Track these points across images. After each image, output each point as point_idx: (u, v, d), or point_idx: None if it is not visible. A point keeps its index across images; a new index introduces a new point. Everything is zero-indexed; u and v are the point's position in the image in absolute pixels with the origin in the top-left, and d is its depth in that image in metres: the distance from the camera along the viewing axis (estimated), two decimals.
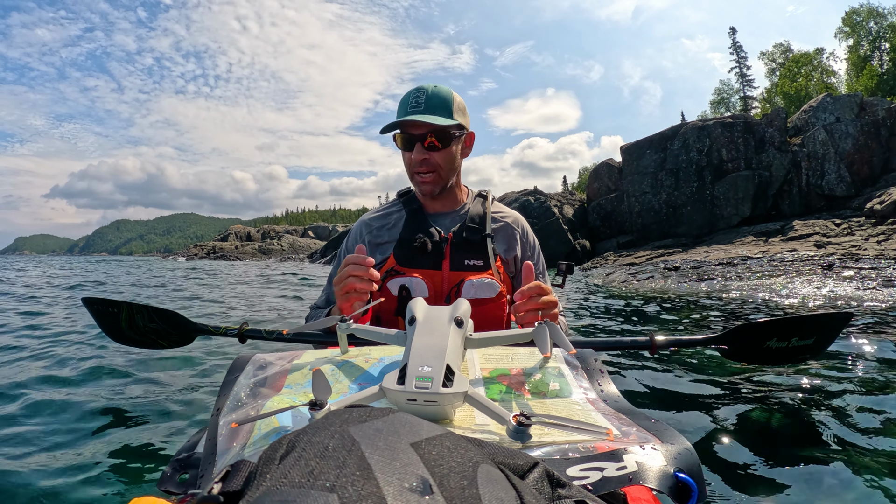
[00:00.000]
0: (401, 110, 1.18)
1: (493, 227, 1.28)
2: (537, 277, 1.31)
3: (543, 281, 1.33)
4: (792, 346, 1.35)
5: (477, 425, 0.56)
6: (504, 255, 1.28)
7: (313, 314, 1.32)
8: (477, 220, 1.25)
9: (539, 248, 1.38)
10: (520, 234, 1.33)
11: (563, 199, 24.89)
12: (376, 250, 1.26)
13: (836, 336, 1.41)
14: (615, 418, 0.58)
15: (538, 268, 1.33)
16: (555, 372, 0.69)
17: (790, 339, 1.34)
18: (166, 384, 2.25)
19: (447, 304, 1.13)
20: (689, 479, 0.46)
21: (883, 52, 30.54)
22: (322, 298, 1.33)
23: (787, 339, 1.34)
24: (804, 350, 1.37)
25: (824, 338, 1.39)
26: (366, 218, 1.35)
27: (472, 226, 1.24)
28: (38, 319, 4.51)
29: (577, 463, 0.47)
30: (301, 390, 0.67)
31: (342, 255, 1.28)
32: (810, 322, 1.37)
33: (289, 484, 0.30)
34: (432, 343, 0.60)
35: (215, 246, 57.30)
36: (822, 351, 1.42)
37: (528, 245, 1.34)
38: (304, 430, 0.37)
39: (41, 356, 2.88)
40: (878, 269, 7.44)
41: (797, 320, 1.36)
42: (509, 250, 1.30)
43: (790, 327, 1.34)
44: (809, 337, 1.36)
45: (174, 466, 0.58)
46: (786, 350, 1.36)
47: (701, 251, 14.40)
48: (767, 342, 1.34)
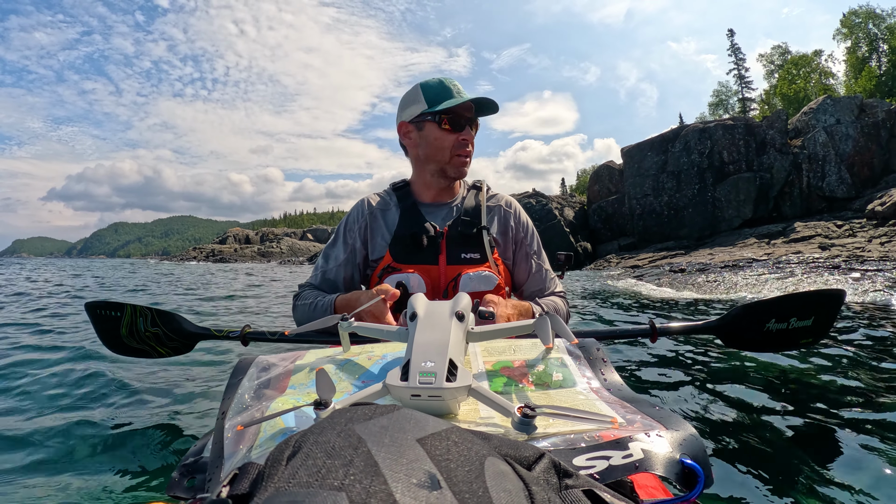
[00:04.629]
0: (449, 94, 1.21)
1: (488, 216, 1.28)
2: (531, 258, 1.32)
3: (539, 261, 1.33)
4: (792, 328, 1.34)
5: (482, 418, 0.56)
6: (500, 239, 1.28)
7: (304, 294, 1.28)
8: (472, 213, 1.26)
9: (533, 228, 1.38)
10: (513, 215, 1.33)
11: (564, 202, 24.93)
12: (370, 238, 1.27)
13: (834, 317, 1.39)
14: (619, 407, 0.58)
15: (532, 248, 1.33)
16: (557, 362, 0.69)
17: (789, 319, 1.33)
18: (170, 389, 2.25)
19: (445, 298, 1.14)
20: (695, 464, 0.46)
21: (881, 53, 30.65)
22: (317, 277, 1.30)
23: (786, 321, 1.33)
24: (805, 333, 1.36)
25: (822, 318, 1.37)
26: (370, 199, 1.33)
27: (467, 219, 1.24)
28: (41, 324, 4.51)
29: (583, 452, 0.47)
30: (305, 390, 0.67)
31: (342, 232, 1.30)
32: (805, 300, 1.36)
33: (297, 484, 0.30)
34: (434, 338, 0.60)
35: (214, 249, 57.41)
36: (823, 334, 1.39)
37: (520, 225, 1.34)
38: (310, 430, 0.37)
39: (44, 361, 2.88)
40: (883, 271, 7.44)
41: (792, 297, 1.35)
42: (506, 231, 1.30)
43: (786, 305, 1.33)
44: (808, 317, 1.34)
45: (182, 471, 0.58)
46: (786, 333, 1.34)
47: (704, 253, 14.42)
48: (766, 324, 1.33)
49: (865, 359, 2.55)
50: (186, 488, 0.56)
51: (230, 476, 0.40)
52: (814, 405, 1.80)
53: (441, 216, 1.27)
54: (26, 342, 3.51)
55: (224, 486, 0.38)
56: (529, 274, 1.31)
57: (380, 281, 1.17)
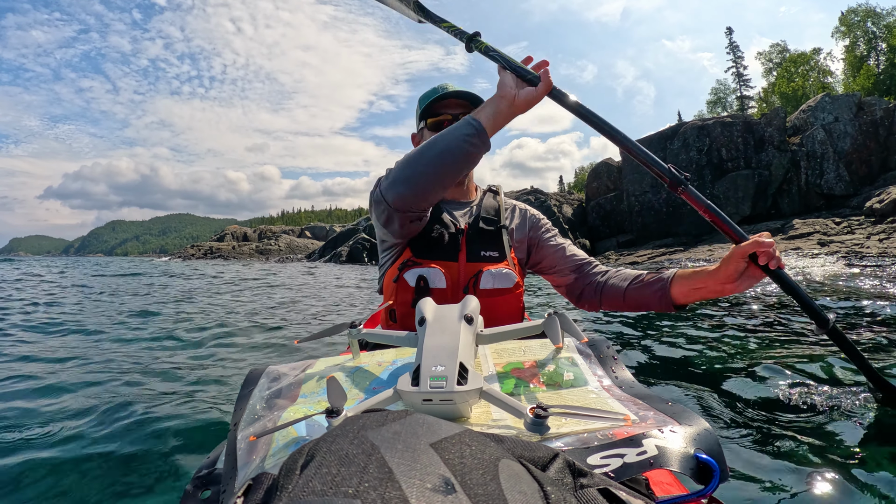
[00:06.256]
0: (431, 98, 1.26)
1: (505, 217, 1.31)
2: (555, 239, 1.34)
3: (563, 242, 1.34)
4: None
5: (494, 421, 0.56)
6: (517, 240, 1.31)
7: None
8: (492, 212, 1.28)
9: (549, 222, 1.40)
10: (527, 214, 1.37)
11: (562, 199, 24.95)
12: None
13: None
14: (632, 404, 0.58)
15: (552, 233, 1.35)
16: (568, 362, 0.69)
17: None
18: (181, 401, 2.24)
19: (465, 294, 1.13)
20: (710, 459, 0.46)
21: (880, 52, 30.68)
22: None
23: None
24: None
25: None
26: None
27: (488, 216, 1.26)
28: (47, 328, 4.49)
29: (597, 451, 0.47)
30: (316, 399, 0.67)
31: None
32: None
33: (311, 493, 0.30)
34: (444, 342, 0.60)
35: (212, 246, 57.26)
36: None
37: (536, 218, 1.37)
38: (323, 439, 0.36)
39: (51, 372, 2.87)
40: (882, 267, 7.46)
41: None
42: (522, 230, 1.33)
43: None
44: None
45: (196, 483, 0.58)
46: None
47: (703, 250, 14.45)
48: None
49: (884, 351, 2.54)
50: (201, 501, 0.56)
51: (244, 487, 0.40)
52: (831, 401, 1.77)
53: (460, 215, 1.28)
54: (32, 346, 3.49)
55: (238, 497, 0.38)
56: (557, 254, 1.31)
57: (399, 275, 1.16)
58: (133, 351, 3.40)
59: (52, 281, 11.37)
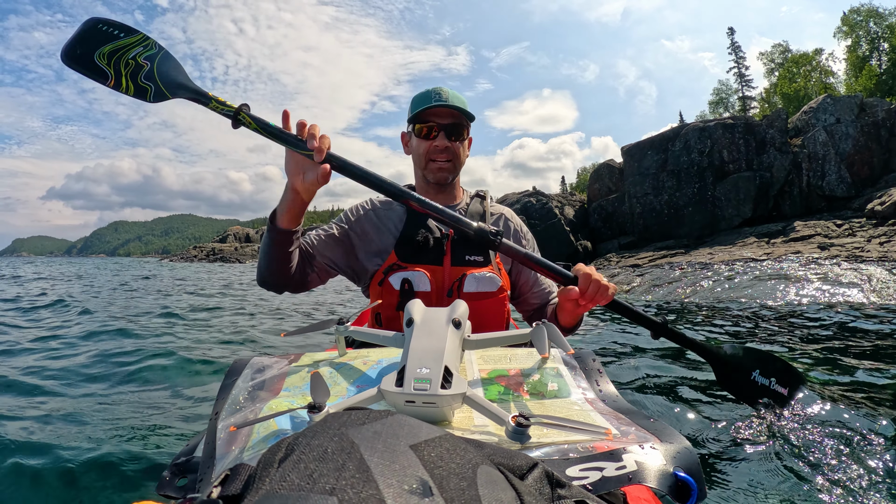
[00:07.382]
0: (422, 104, 1.27)
1: (491, 223, 1.34)
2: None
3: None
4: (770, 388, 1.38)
5: (476, 426, 0.56)
6: None
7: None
8: (477, 218, 1.30)
9: (533, 239, 1.46)
10: (514, 225, 1.42)
11: (564, 200, 24.88)
12: (377, 235, 1.30)
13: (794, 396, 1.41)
14: (614, 418, 0.58)
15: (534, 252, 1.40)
16: (553, 372, 0.69)
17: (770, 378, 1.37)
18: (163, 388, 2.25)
19: (449, 298, 1.15)
20: (688, 477, 0.46)
21: (882, 52, 30.55)
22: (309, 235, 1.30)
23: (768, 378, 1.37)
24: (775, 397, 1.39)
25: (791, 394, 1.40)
26: (374, 198, 1.37)
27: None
28: (32, 318, 4.50)
29: (576, 463, 0.47)
30: (299, 393, 0.67)
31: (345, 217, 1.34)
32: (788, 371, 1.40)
33: (288, 487, 0.30)
34: (430, 345, 0.60)
35: (214, 247, 57.21)
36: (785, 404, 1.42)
37: (521, 235, 1.42)
38: (303, 434, 0.37)
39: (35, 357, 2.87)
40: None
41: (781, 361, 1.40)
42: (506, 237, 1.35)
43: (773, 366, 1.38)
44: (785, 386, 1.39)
45: (173, 470, 0.58)
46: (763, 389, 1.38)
47: (704, 252, 14.38)
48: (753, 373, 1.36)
49: (867, 361, 2.54)
50: (177, 488, 0.56)
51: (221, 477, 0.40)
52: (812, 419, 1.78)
53: None
54: (16, 342, 3.51)
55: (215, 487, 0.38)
56: (531, 283, 1.38)
57: (385, 279, 1.18)
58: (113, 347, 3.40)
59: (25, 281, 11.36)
